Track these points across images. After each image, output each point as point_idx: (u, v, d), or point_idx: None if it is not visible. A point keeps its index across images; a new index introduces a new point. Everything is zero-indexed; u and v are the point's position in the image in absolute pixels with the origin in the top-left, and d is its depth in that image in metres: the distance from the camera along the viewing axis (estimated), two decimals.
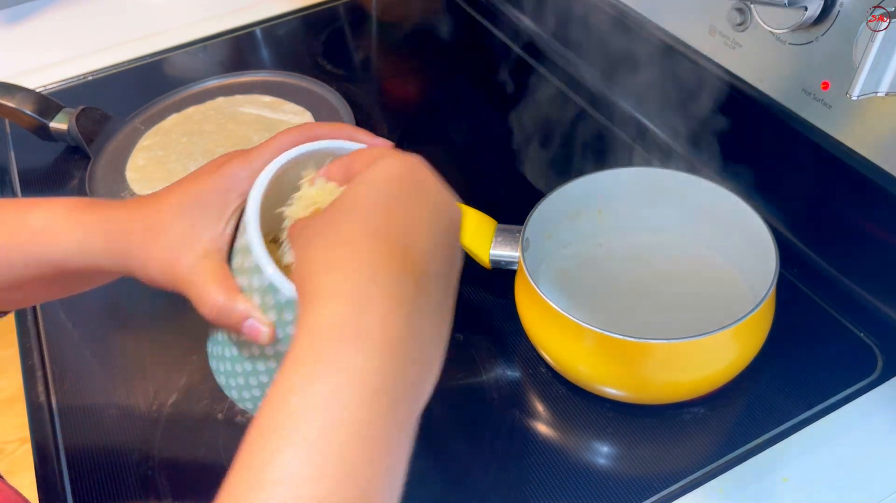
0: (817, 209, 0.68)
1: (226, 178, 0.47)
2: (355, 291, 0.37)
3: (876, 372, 0.59)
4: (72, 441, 0.61)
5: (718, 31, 0.68)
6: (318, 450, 0.33)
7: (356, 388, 0.34)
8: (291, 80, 0.94)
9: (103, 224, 0.48)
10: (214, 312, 0.45)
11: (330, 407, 0.34)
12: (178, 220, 0.46)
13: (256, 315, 0.45)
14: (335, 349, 0.35)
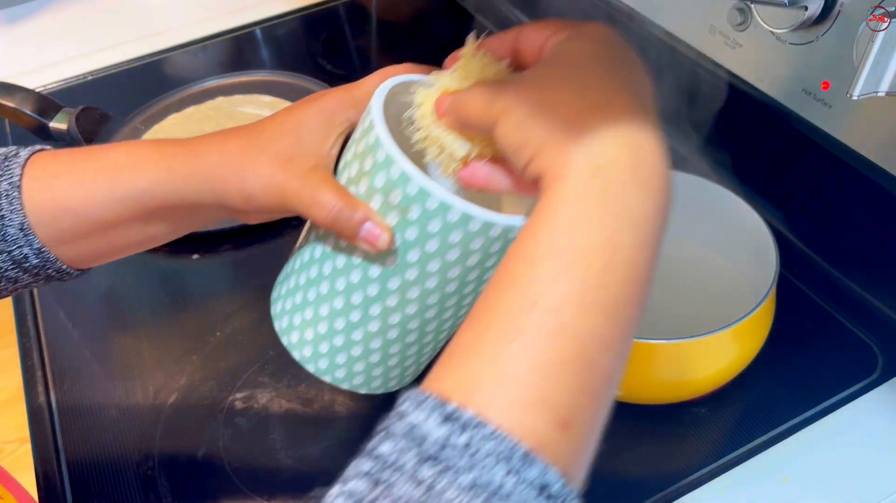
0: (817, 209, 0.68)
1: (328, 102, 0.46)
2: (633, 140, 0.34)
3: (876, 372, 0.59)
4: (72, 441, 0.61)
5: (718, 31, 0.68)
6: (595, 285, 0.32)
7: (634, 232, 0.33)
8: (291, 80, 0.94)
9: (191, 149, 0.46)
10: (333, 214, 0.42)
11: (608, 246, 0.32)
12: (281, 139, 0.44)
13: (376, 218, 0.41)
14: (618, 193, 0.33)
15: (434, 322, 0.45)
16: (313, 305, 0.45)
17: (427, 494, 0.26)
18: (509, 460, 0.27)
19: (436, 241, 0.41)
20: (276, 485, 0.56)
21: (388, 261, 0.42)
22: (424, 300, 0.44)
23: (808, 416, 0.57)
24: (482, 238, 0.41)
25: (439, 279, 0.43)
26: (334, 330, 0.45)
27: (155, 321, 0.69)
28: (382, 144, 0.42)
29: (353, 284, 0.44)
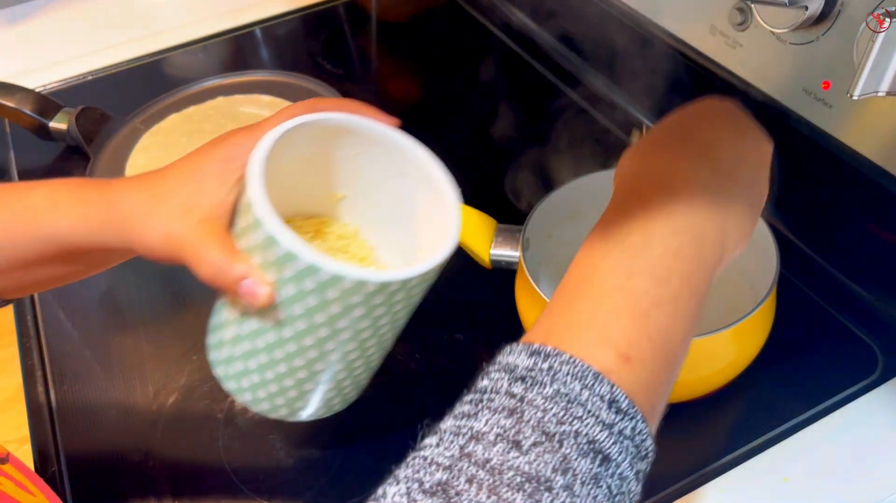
0: (818, 209, 0.68)
1: (228, 147, 0.47)
2: (697, 213, 0.39)
3: (876, 372, 0.59)
4: (72, 441, 0.61)
5: (719, 31, 0.68)
6: (673, 254, 0.38)
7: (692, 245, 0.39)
8: (291, 80, 0.94)
9: (105, 196, 0.47)
10: (212, 271, 0.44)
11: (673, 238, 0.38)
12: (180, 189, 0.46)
13: (255, 273, 0.43)
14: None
15: (339, 362, 0.48)
16: (228, 346, 0.48)
17: (519, 403, 0.32)
18: (583, 378, 0.33)
19: (314, 297, 0.43)
20: (276, 485, 0.56)
21: (278, 313, 0.44)
22: (322, 346, 0.46)
23: (808, 416, 0.57)
24: (360, 294, 0.43)
25: (329, 330, 0.45)
26: (248, 369, 0.48)
27: (155, 321, 0.69)
28: (254, 205, 0.43)
29: (254, 331, 0.46)
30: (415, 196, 0.51)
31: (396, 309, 0.47)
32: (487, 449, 0.30)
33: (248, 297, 0.43)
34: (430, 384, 0.61)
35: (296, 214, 0.54)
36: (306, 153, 0.50)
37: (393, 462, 0.36)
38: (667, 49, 0.74)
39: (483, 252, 0.64)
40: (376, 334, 0.48)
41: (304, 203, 0.54)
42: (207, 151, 0.48)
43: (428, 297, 0.48)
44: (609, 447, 0.32)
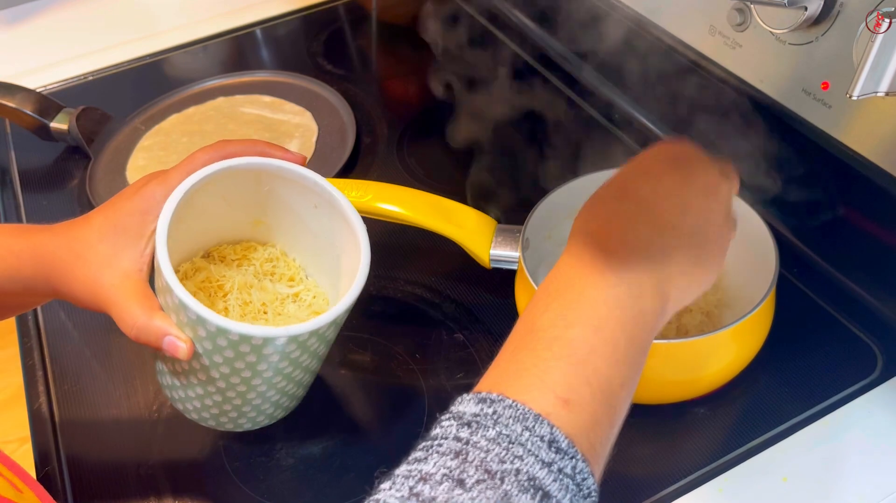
0: (817, 209, 0.67)
1: (144, 199, 0.49)
2: (634, 279, 0.40)
3: (876, 372, 0.59)
4: (72, 441, 0.61)
5: (718, 31, 0.68)
6: (609, 332, 0.39)
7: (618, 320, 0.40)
8: (291, 80, 0.94)
9: (33, 249, 0.49)
10: (135, 331, 0.47)
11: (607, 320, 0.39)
12: (99, 244, 0.48)
13: (174, 331, 0.46)
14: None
15: (270, 390, 0.51)
16: (169, 378, 0.53)
17: (464, 446, 0.34)
18: (524, 420, 0.35)
19: (230, 351, 0.47)
20: (276, 485, 0.57)
21: (202, 361, 0.48)
22: (249, 382, 0.50)
23: (808, 416, 0.57)
24: (270, 346, 0.47)
25: (251, 371, 0.49)
26: (189, 397, 0.53)
27: None
28: (162, 271, 0.46)
29: (187, 371, 0.50)
30: (331, 226, 0.54)
31: (314, 348, 0.50)
32: (434, 488, 0.32)
33: (170, 353, 0.47)
34: (431, 384, 0.61)
35: (222, 241, 0.58)
36: (220, 194, 0.54)
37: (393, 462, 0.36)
38: (667, 49, 0.74)
39: (483, 252, 0.64)
40: (299, 367, 0.51)
41: (230, 231, 0.58)
42: (123, 204, 0.50)
43: (428, 298, 0.49)
44: (549, 484, 0.33)
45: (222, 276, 0.55)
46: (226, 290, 0.54)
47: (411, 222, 0.65)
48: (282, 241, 0.59)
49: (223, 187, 0.53)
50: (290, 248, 0.59)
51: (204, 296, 0.54)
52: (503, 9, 1.02)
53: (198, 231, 0.55)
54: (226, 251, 0.58)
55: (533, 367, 0.37)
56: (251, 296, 0.54)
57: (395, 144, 0.85)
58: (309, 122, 0.88)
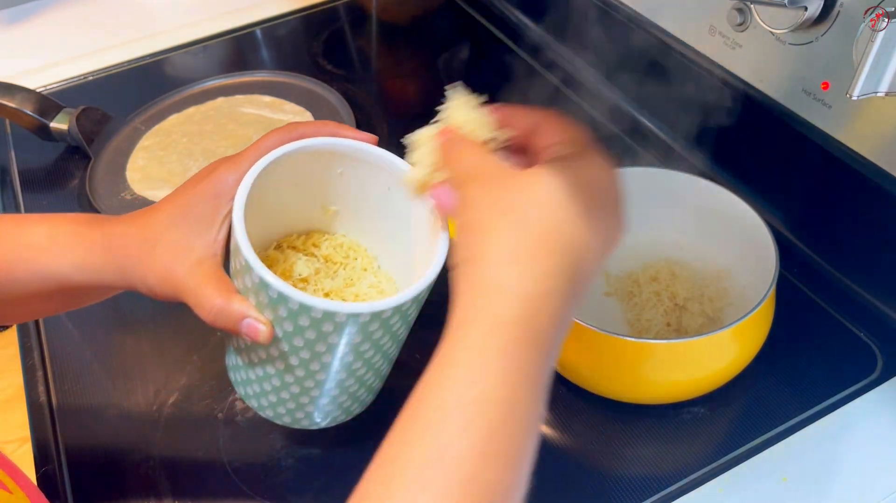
0: (817, 209, 0.68)
1: (214, 184, 0.48)
2: (534, 297, 0.38)
3: (876, 372, 0.59)
4: (72, 441, 0.61)
5: (718, 31, 0.68)
6: (496, 437, 0.36)
7: (531, 388, 0.37)
8: (291, 80, 0.94)
9: (103, 239, 0.49)
10: (213, 314, 0.46)
11: (509, 401, 0.36)
12: (170, 231, 0.47)
13: (253, 314, 0.45)
14: (515, 351, 0.37)
15: (349, 378, 0.50)
16: (244, 370, 0.51)
17: None
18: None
19: (311, 331, 0.45)
20: (276, 485, 0.57)
21: (282, 346, 0.47)
22: (328, 369, 0.48)
23: (808, 416, 0.57)
24: (354, 325, 0.45)
25: (331, 356, 0.47)
26: (265, 390, 0.51)
27: (155, 321, 0.69)
28: (241, 250, 0.45)
29: (264, 360, 0.49)
30: (403, 209, 0.52)
31: (395, 328, 0.48)
32: None
33: (250, 336, 0.46)
34: None
35: (292, 231, 0.56)
36: (291, 178, 0.52)
37: None
38: (667, 49, 0.74)
39: None
40: (379, 351, 0.49)
41: (298, 220, 0.56)
42: (194, 189, 0.49)
43: (428, 298, 0.49)
44: None
45: (298, 264, 0.53)
46: (301, 279, 0.52)
47: None
48: (353, 229, 0.57)
49: (294, 171, 0.51)
50: (361, 235, 0.57)
51: None
52: (503, 9, 1.02)
53: (268, 219, 0.53)
54: (296, 241, 0.56)
55: (404, 486, 0.34)
56: (325, 285, 0.53)
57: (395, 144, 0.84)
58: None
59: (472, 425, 0.35)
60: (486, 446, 0.35)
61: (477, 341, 0.37)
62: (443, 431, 0.35)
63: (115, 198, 0.81)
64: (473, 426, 0.35)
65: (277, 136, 0.50)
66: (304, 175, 0.52)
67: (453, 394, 0.36)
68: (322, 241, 0.56)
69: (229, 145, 0.85)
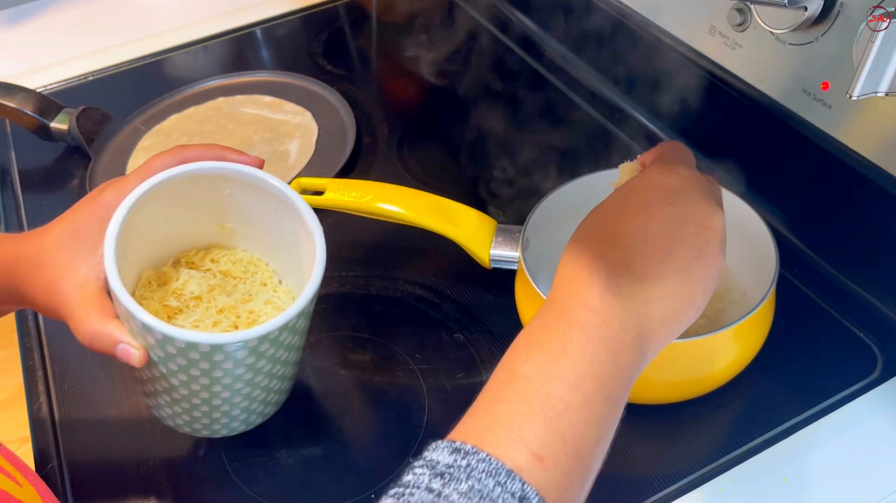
0: (817, 209, 0.68)
1: (101, 206, 0.49)
2: (612, 316, 0.40)
3: (876, 372, 0.59)
4: (72, 441, 0.61)
5: (718, 31, 0.68)
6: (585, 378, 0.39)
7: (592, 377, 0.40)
8: (291, 80, 0.94)
9: (4, 259, 0.50)
10: (89, 337, 0.47)
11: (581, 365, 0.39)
12: (57, 253, 0.48)
13: (126, 338, 0.47)
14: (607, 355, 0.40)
15: (236, 396, 0.52)
16: (141, 386, 0.53)
17: (436, 498, 0.34)
18: (497, 475, 0.35)
19: (181, 358, 0.47)
20: (276, 485, 0.57)
21: (160, 369, 0.48)
22: (210, 389, 0.49)
23: (808, 416, 0.57)
24: (221, 353, 0.46)
25: (209, 379, 0.48)
26: (160, 404, 0.53)
27: None
28: (108, 278, 0.47)
29: (151, 379, 0.51)
30: (292, 229, 0.54)
31: (271, 354, 0.49)
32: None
33: (124, 360, 0.47)
34: (431, 384, 0.61)
35: (189, 247, 0.58)
36: (181, 200, 0.54)
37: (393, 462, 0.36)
38: (667, 50, 0.74)
39: (483, 252, 0.64)
40: (262, 373, 0.51)
41: (197, 237, 0.58)
42: (83, 211, 0.50)
43: (428, 298, 0.49)
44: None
45: (191, 282, 0.54)
46: (193, 297, 0.54)
47: (411, 222, 0.65)
48: (253, 245, 0.59)
49: (182, 193, 0.53)
50: (261, 250, 0.59)
51: (176, 304, 0.53)
52: (503, 9, 1.02)
53: (161, 238, 0.55)
54: (194, 257, 0.58)
55: (509, 421, 0.37)
56: (219, 302, 0.54)
57: (395, 144, 0.85)
58: (309, 122, 0.88)
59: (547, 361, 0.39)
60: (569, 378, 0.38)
61: (580, 337, 0.40)
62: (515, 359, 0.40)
63: None
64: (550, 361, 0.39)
65: (163, 159, 0.52)
66: (194, 197, 0.54)
67: (557, 389, 0.38)
68: (221, 257, 0.58)
69: (229, 145, 0.85)
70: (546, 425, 0.37)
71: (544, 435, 0.37)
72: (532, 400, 0.38)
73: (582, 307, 0.40)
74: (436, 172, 0.81)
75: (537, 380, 0.38)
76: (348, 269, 0.72)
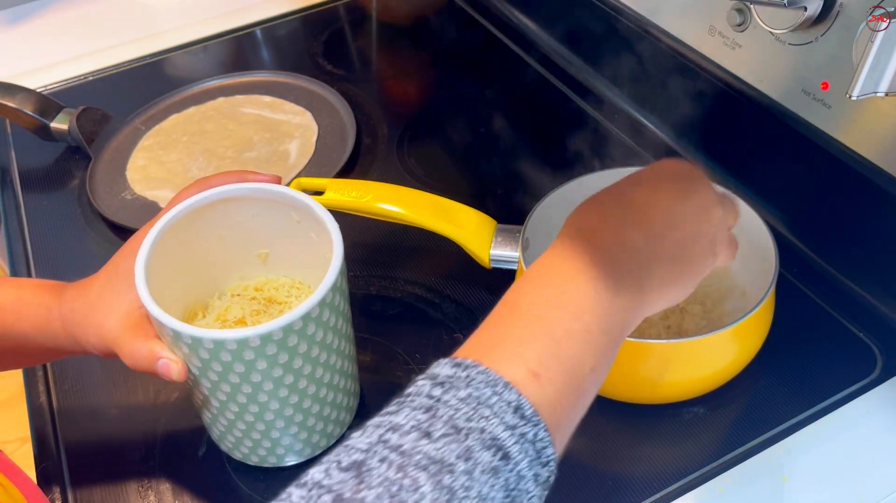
0: (817, 209, 0.68)
1: (136, 243, 0.52)
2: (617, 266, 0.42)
3: (876, 372, 0.59)
4: (72, 441, 0.61)
5: (718, 31, 0.68)
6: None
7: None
8: (291, 80, 0.94)
9: (60, 307, 0.53)
10: (132, 358, 0.50)
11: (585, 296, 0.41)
12: (104, 292, 0.52)
13: (165, 353, 0.49)
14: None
15: (287, 408, 0.52)
16: (199, 411, 0.55)
17: (435, 403, 0.36)
18: (494, 386, 0.37)
19: (216, 363, 0.48)
20: (276, 486, 0.56)
21: (202, 384, 0.50)
22: (256, 399, 0.50)
23: (808, 416, 0.57)
24: (250, 350, 0.47)
25: (250, 387, 0.49)
26: (220, 426, 0.54)
27: None
28: (140, 293, 0.48)
29: (202, 401, 0.52)
30: (317, 237, 0.55)
31: (303, 351, 0.49)
32: (402, 437, 0.34)
33: (165, 375, 0.49)
34: None
35: (234, 281, 0.60)
36: (213, 230, 0.56)
37: None
38: (667, 50, 0.74)
39: (483, 252, 0.64)
40: (302, 375, 0.50)
41: (237, 268, 0.59)
42: (122, 253, 0.53)
43: (428, 298, 0.49)
44: (510, 446, 0.35)
45: (234, 307, 0.56)
46: (236, 321, 0.56)
47: (411, 222, 0.65)
48: (289, 267, 0.60)
49: (214, 223, 0.55)
50: (297, 270, 0.60)
51: (219, 327, 0.55)
52: (503, 9, 1.02)
53: (204, 273, 0.57)
54: (240, 290, 0.59)
55: (509, 341, 0.39)
56: (260, 321, 0.55)
57: (395, 144, 0.85)
58: (309, 122, 0.88)
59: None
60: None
61: (576, 265, 0.42)
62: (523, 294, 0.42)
63: (115, 198, 0.81)
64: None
65: (188, 192, 0.55)
66: (226, 225, 0.56)
67: (557, 316, 0.40)
68: (265, 285, 0.59)
69: (229, 145, 0.85)
70: (544, 347, 0.39)
71: (542, 355, 0.39)
72: (532, 325, 0.40)
73: (588, 248, 0.42)
74: (436, 172, 0.81)
75: (539, 308, 0.40)
76: (348, 269, 0.72)
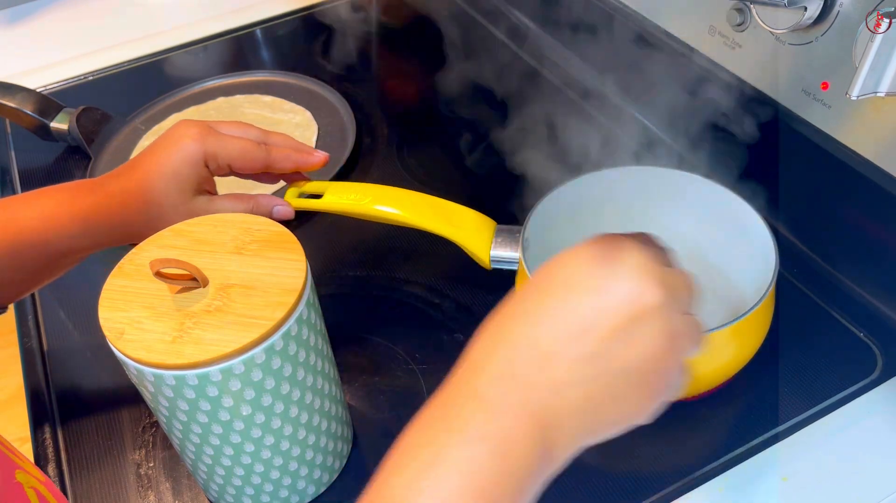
0: (817, 209, 0.68)
1: (185, 151, 0.56)
2: (512, 425, 0.35)
3: (876, 372, 0.59)
4: (72, 440, 0.61)
5: (718, 31, 0.68)
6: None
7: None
8: (291, 80, 0.94)
9: (104, 206, 0.54)
10: (251, 204, 0.58)
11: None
12: (168, 194, 0.55)
13: (277, 200, 0.59)
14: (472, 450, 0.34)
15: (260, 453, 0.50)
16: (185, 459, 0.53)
17: None
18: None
19: (182, 402, 0.46)
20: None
21: (175, 426, 0.48)
22: (228, 439, 0.48)
23: (808, 416, 0.57)
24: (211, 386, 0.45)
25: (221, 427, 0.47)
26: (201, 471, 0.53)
27: None
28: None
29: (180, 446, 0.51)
30: None
31: (271, 387, 0.47)
32: None
33: (282, 215, 0.60)
34: (431, 384, 0.61)
35: None
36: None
37: None
38: (667, 50, 0.74)
39: (483, 253, 0.64)
40: (274, 413, 0.48)
41: None
42: (174, 155, 0.56)
43: (428, 298, 0.49)
44: None
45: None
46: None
47: (411, 224, 0.65)
48: None
49: None
50: None
51: None
52: (503, 10, 1.02)
53: None
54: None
55: None
56: None
57: (395, 145, 0.85)
58: (309, 122, 0.88)
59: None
60: None
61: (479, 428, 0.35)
62: None
63: None
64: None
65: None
66: None
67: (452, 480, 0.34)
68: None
69: None
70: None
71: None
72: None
73: (468, 398, 0.35)
74: (436, 172, 0.81)
75: (406, 497, 0.33)
76: (348, 270, 0.72)
